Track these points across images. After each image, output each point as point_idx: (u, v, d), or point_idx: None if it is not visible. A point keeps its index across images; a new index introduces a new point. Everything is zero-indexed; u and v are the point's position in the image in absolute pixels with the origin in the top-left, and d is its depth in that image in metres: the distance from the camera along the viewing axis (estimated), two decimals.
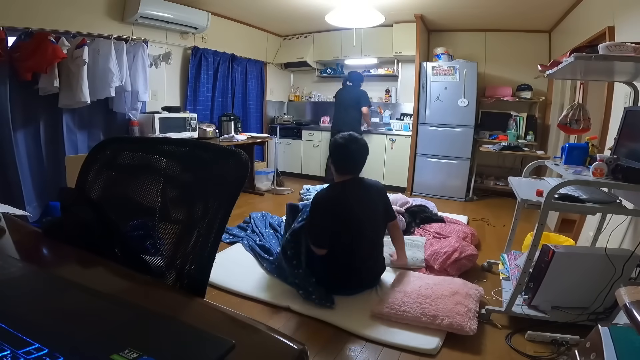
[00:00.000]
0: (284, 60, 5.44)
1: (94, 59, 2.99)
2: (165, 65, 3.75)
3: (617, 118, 1.97)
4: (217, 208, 0.70)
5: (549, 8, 3.52)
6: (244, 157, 0.71)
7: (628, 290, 0.86)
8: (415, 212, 3.17)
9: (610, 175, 1.55)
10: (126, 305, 0.55)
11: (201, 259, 0.69)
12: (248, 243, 2.65)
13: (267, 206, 3.89)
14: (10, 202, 1.14)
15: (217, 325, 0.56)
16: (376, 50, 4.83)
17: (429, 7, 3.92)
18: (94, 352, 0.42)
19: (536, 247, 1.67)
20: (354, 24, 3.88)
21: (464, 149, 4.24)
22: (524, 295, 1.81)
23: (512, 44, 4.41)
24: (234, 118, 4.43)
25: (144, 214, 0.82)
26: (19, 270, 0.63)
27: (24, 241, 0.80)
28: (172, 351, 0.44)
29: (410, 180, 4.54)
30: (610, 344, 0.91)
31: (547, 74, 1.96)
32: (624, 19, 2.32)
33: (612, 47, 1.48)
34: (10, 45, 2.61)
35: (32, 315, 0.49)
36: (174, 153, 0.82)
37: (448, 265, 2.28)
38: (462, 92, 4.14)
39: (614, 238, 1.93)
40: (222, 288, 2.08)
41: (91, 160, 0.87)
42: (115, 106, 3.32)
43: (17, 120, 2.72)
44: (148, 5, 3.27)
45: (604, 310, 1.67)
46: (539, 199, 1.64)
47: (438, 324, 1.69)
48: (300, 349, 0.49)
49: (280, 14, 4.29)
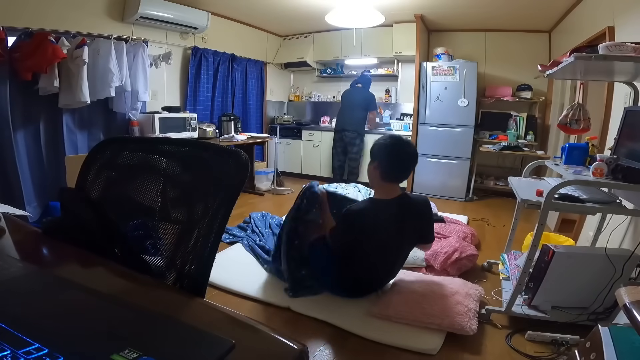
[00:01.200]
0: (284, 60, 5.44)
1: (94, 59, 2.99)
2: (165, 65, 3.75)
3: (617, 118, 1.97)
4: (217, 208, 0.70)
5: (549, 8, 3.52)
6: (244, 157, 0.71)
7: (628, 290, 0.86)
8: None
9: (610, 175, 1.55)
10: (126, 305, 0.55)
11: (201, 259, 0.69)
12: (248, 243, 2.64)
13: (267, 206, 3.89)
14: (10, 202, 1.14)
15: (217, 325, 0.55)
16: (376, 50, 4.83)
17: (429, 7, 3.92)
18: (94, 352, 0.42)
19: (536, 247, 1.67)
20: (354, 24, 3.88)
21: (464, 149, 4.23)
22: (524, 295, 1.81)
23: (512, 44, 4.41)
24: (234, 118, 4.43)
25: (144, 214, 0.82)
26: (19, 270, 0.63)
27: (24, 241, 0.80)
28: (172, 351, 0.45)
29: (410, 180, 4.53)
30: (610, 344, 0.91)
31: (547, 74, 1.96)
32: (624, 19, 2.32)
33: (612, 47, 1.48)
34: (10, 45, 2.61)
35: (32, 315, 0.49)
36: (174, 153, 0.82)
37: (448, 265, 2.28)
38: (462, 92, 4.13)
39: (614, 238, 1.93)
40: (222, 288, 2.08)
41: (91, 160, 0.87)
42: (115, 106, 3.32)
43: (17, 120, 2.72)
44: (148, 5, 3.27)
45: (604, 310, 1.67)
46: (539, 199, 1.64)
47: (438, 324, 1.69)
48: (300, 348, 0.49)
49: (280, 14, 4.29)
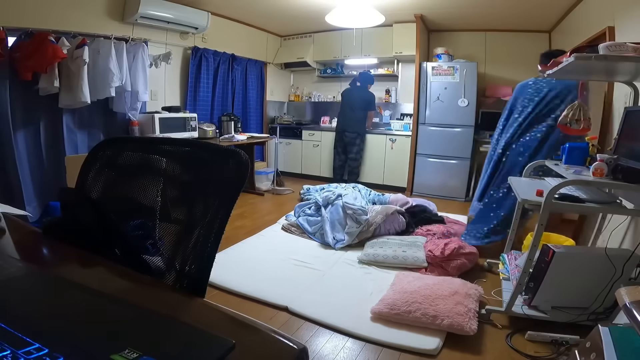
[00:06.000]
0: (284, 60, 5.44)
1: (94, 59, 2.99)
2: (165, 65, 3.75)
3: (617, 118, 1.97)
4: (217, 208, 0.70)
5: (549, 8, 3.52)
6: (244, 157, 0.71)
7: (628, 290, 0.86)
8: (416, 213, 3.17)
9: (610, 175, 1.55)
10: (126, 305, 0.55)
11: (201, 259, 0.69)
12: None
13: (267, 206, 3.89)
14: (10, 202, 1.14)
15: (217, 325, 0.55)
16: (376, 50, 4.83)
17: (429, 7, 3.92)
18: (94, 352, 0.42)
19: (536, 247, 1.67)
20: (354, 24, 3.88)
21: (464, 149, 4.23)
22: (524, 295, 1.80)
23: (512, 44, 4.41)
24: (234, 118, 4.43)
25: (144, 214, 0.82)
26: (19, 270, 0.63)
27: (24, 241, 0.80)
28: (172, 351, 0.45)
29: (410, 180, 4.54)
30: (610, 344, 0.91)
31: (547, 74, 1.96)
32: (624, 19, 2.32)
33: (612, 47, 1.48)
34: (10, 45, 2.61)
35: (32, 315, 0.49)
36: (174, 153, 0.82)
37: (447, 251, 2.31)
38: (462, 92, 4.13)
39: (614, 238, 1.93)
40: (222, 288, 2.09)
41: (91, 160, 0.87)
42: (115, 106, 3.31)
43: (17, 120, 2.72)
44: (148, 5, 3.27)
45: (604, 310, 1.67)
46: (539, 199, 1.64)
47: (438, 324, 1.69)
48: (300, 348, 0.49)
49: (280, 14, 4.29)
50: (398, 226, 2.90)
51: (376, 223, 2.80)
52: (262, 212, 3.73)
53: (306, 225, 3.02)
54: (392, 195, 3.62)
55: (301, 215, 3.18)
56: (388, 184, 4.69)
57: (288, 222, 3.20)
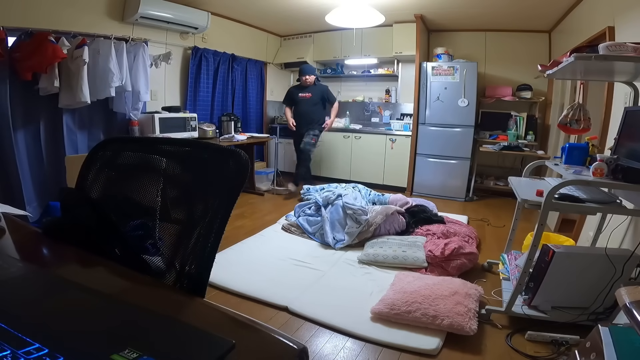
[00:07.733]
0: (284, 60, 5.43)
1: (94, 59, 2.99)
2: (165, 65, 3.75)
3: (617, 118, 1.97)
4: (217, 208, 0.70)
5: (549, 8, 3.52)
6: (244, 157, 0.71)
7: (628, 290, 0.86)
8: (416, 213, 3.17)
9: (610, 175, 1.55)
10: (126, 305, 0.55)
11: (201, 259, 0.69)
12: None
13: (267, 206, 3.89)
14: (10, 202, 1.14)
15: (217, 325, 0.55)
16: (376, 50, 4.83)
17: (429, 7, 3.92)
18: (94, 352, 0.42)
19: (536, 247, 1.67)
20: (354, 24, 3.87)
21: (464, 149, 4.24)
22: (524, 295, 1.81)
23: (512, 44, 4.41)
24: (234, 118, 4.43)
25: (144, 214, 0.82)
26: (19, 270, 0.63)
27: (24, 241, 0.80)
28: (172, 351, 0.44)
29: (410, 180, 4.54)
30: (610, 344, 0.91)
31: (547, 74, 1.96)
32: (624, 19, 2.31)
33: (612, 47, 1.48)
34: (10, 45, 2.61)
35: (32, 315, 0.49)
36: (174, 153, 0.82)
37: (447, 251, 2.30)
38: (462, 92, 4.13)
39: (614, 238, 1.93)
40: (222, 288, 2.09)
41: (91, 160, 0.87)
42: (115, 106, 3.31)
43: (17, 120, 2.71)
44: (148, 5, 3.27)
45: (604, 310, 1.67)
46: (539, 199, 1.64)
47: (438, 324, 1.69)
48: (300, 348, 0.49)
49: (280, 14, 4.29)
50: (398, 226, 2.90)
51: (376, 223, 2.80)
52: (262, 212, 3.73)
53: (306, 225, 3.03)
54: (392, 195, 3.62)
55: (301, 215, 3.18)
56: (388, 184, 4.69)
57: (288, 222, 3.20)
